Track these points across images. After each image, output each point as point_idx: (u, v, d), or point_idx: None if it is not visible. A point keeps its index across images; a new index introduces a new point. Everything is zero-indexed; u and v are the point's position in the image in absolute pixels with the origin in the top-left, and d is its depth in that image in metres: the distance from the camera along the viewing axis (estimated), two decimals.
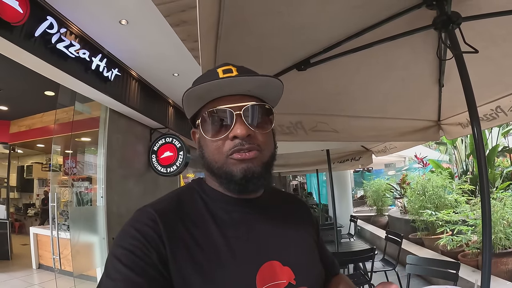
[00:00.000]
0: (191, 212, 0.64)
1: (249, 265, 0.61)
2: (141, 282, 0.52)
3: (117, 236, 0.59)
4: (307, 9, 1.12)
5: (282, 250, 0.66)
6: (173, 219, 0.61)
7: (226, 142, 0.62)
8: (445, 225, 4.65)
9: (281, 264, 0.64)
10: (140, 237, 0.56)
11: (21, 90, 4.93)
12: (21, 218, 8.90)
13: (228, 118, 0.61)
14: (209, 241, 0.61)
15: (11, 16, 2.50)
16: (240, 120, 0.61)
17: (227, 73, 0.62)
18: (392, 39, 1.33)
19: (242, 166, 0.61)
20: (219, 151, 0.63)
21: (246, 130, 0.61)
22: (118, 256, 0.55)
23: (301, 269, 0.66)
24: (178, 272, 0.57)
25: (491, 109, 2.01)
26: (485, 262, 1.17)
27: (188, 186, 0.72)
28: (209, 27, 0.90)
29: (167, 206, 0.64)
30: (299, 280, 0.64)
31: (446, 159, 8.35)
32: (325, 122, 1.95)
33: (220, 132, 0.62)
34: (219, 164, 0.63)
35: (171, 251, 0.57)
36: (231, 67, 0.64)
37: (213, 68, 0.67)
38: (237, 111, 0.61)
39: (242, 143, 0.61)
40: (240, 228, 0.65)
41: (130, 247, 0.55)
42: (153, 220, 0.59)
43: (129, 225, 0.60)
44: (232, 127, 0.61)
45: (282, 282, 0.62)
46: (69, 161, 4.91)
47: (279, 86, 0.64)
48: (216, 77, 0.61)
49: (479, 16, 1.23)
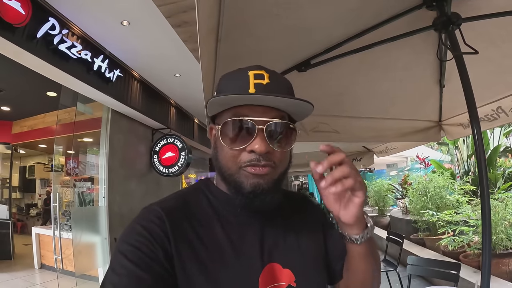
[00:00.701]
0: (197, 212, 0.65)
1: (252, 267, 0.62)
2: (146, 278, 0.53)
3: (123, 233, 0.60)
4: (307, 11, 1.13)
5: (283, 252, 0.66)
6: (179, 218, 0.62)
7: (243, 153, 0.61)
8: (446, 225, 4.63)
9: (281, 266, 0.64)
10: (146, 234, 0.57)
11: (23, 90, 4.95)
12: (23, 218, 8.93)
13: (250, 130, 0.59)
14: (214, 242, 0.62)
15: (13, 17, 2.51)
16: (262, 135, 0.59)
17: (258, 79, 0.60)
18: (393, 40, 1.33)
19: (253, 181, 0.60)
20: (234, 160, 0.61)
21: (265, 147, 0.59)
22: (124, 252, 0.56)
23: (302, 272, 0.66)
24: (182, 270, 0.57)
25: (492, 110, 2.01)
26: (484, 263, 1.17)
27: (195, 187, 0.72)
28: (209, 30, 0.90)
29: (174, 205, 0.64)
30: (299, 282, 0.64)
31: (448, 159, 8.32)
32: (326, 122, 1.95)
33: (239, 141, 0.60)
34: (231, 172, 0.62)
35: (176, 249, 0.58)
36: (264, 72, 0.62)
37: (245, 69, 0.63)
38: (261, 125, 0.59)
39: (259, 158, 0.59)
40: (245, 230, 0.65)
41: (136, 243, 0.56)
42: (159, 218, 0.60)
43: (135, 222, 0.60)
44: (252, 140, 0.59)
45: (282, 284, 0.63)
46: (71, 161, 4.93)
47: (310, 109, 0.62)
48: (246, 81, 0.60)
49: (479, 17, 1.23)
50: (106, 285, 0.55)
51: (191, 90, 5.19)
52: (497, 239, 3.60)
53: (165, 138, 5.57)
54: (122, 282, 0.53)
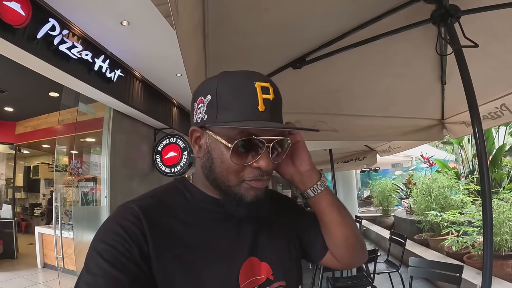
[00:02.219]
0: (175, 210, 0.64)
1: (232, 262, 0.63)
2: (121, 278, 0.52)
3: (99, 231, 0.58)
4: (299, 5, 1.10)
5: (260, 246, 0.68)
6: (157, 216, 0.61)
7: (246, 168, 0.61)
8: (450, 226, 4.56)
9: (258, 260, 0.66)
10: (122, 233, 0.56)
11: (26, 91, 4.99)
12: (28, 218, 9.04)
13: (257, 148, 0.60)
14: (192, 239, 0.62)
15: (13, 18, 2.52)
16: (267, 152, 0.60)
17: (265, 94, 0.60)
18: (390, 34, 1.30)
19: (253, 192, 0.62)
20: (236, 174, 0.61)
21: (271, 164, 0.61)
22: (100, 251, 0.54)
23: (279, 265, 0.68)
24: (161, 269, 0.57)
25: (496, 107, 1.96)
26: (485, 265, 1.14)
27: (171, 185, 0.71)
28: (195, 26, 0.88)
29: (151, 203, 0.63)
30: (276, 275, 0.67)
31: (452, 158, 8.21)
32: (324, 121, 1.92)
33: (245, 158, 0.60)
34: (230, 184, 0.62)
35: (154, 248, 0.57)
36: (269, 85, 0.61)
37: (249, 78, 0.61)
38: (269, 143, 0.60)
39: (262, 173, 0.61)
40: (223, 227, 0.66)
41: (112, 242, 0.55)
42: (136, 217, 0.58)
43: (111, 220, 0.59)
44: (258, 158, 0.60)
45: (260, 278, 0.65)
46: (74, 161, 4.96)
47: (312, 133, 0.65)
48: (254, 96, 0.59)
49: (479, 9, 1.20)
50: (80, 285, 0.53)
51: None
52: (501, 240, 3.53)
53: (168, 138, 5.58)
54: (97, 282, 0.52)
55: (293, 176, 0.71)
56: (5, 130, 6.71)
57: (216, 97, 0.60)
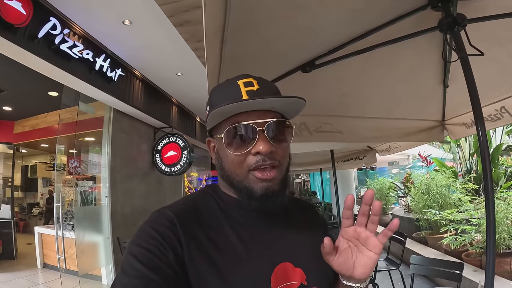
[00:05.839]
0: (207, 215, 0.67)
1: (264, 266, 0.63)
2: (156, 280, 0.54)
3: (135, 236, 0.60)
4: (313, 12, 1.12)
5: (294, 252, 0.68)
6: (190, 221, 0.63)
7: (248, 157, 0.63)
8: (448, 224, 4.63)
9: (293, 266, 0.66)
10: (157, 237, 0.58)
11: (25, 90, 4.95)
12: (26, 217, 8.98)
13: (251, 134, 0.62)
14: (225, 243, 0.63)
15: (14, 17, 2.51)
16: (263, 136, 0.62)
17: (248, 87, 0.64)
18: (397, 41, 1.32)
19: (263, 184, 0.63)
20: (240, 165, 0.64)
21: (269, 147, 0.62)
22: (135, 254, 0.56)
23: (312, 270, 0.68)
24: (195, 272, 0.58)
25: (496, 110, 1.99)
26: (488, 263, 1.17)
27: (203, 192, 0.74)
28: (215, 30, 0.90)
29: (184, 208, 0.66)
30: (310, 280, 0.67)
31: (450, 157, 8.29)
32: (329, 123, 1.94)
33: (242, 146, 0.63)
34: (240, 177, 0.65)
35: (188, 252, 0.59)
36: (252, 79, 0.66)
37: (233, 79, 0.67)
38: (260, 127, 0.62)
39: (264, 158, 0.62)
40: (255, 231, 0.67)
41: (147, 245, 0.57)
42: (170, 221, 0.61)
43: (146, 225, 0.61)
44: (255, 143, 0.62)
45: (294, 283, 0.65)
46: (73, 160, 4.94)
47: (302, 104, 0.65)
48: (238, 91, 0.64)
49: (484, 18, 1.22)
50: (116, 286, 0.55)
51: (193, 89, 5.19)
52: (499, 238, 3.60)
53: (167, 137, 5.58)
54: (132, 284, 0.54)
55: (342, 272, 0.63)
56: (3, 130, 6.65)
57: (210, 104, 0.68)
